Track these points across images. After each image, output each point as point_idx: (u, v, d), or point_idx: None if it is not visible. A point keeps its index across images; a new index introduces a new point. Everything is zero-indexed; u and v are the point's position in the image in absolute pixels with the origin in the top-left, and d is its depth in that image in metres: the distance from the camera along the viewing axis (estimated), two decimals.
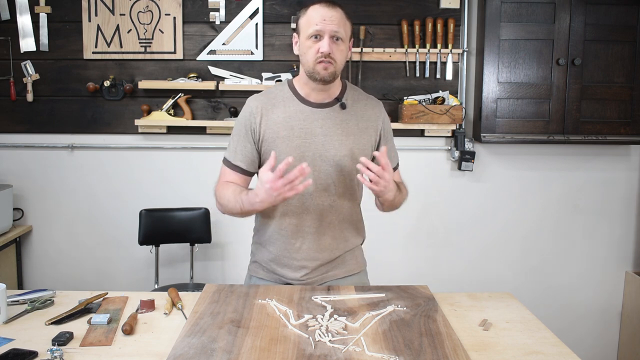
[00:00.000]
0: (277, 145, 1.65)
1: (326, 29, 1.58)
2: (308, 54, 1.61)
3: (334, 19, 1.59)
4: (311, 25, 1.59)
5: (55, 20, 2.92)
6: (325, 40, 1.58)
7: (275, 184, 1.48)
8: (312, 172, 1.64)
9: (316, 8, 1.60)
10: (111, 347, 1.35)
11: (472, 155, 2.99)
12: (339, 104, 1.69)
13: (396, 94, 2.97)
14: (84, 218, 3.05)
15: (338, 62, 1.61)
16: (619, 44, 2.84)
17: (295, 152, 1.64)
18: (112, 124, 2.98)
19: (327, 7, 1.60)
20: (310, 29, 1.59)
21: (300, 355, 1.26)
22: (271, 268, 1.76)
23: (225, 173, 1.73)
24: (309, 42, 1.60)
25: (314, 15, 1.59)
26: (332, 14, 1.59)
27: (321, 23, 1.58)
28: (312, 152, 1.65)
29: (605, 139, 2.88)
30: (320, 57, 1.59)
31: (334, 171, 1.67)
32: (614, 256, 3.16)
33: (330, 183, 1.68)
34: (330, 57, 1.59)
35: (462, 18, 2.95)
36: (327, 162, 1.66)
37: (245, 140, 1.69)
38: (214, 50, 2.94)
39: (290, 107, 1.68)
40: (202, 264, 3.09)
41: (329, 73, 1.60)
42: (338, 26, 1.59)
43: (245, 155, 1.69)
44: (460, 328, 1.46)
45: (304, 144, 1.65)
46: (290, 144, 1.65)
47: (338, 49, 1.60)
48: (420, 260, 3.12)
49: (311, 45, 1.60)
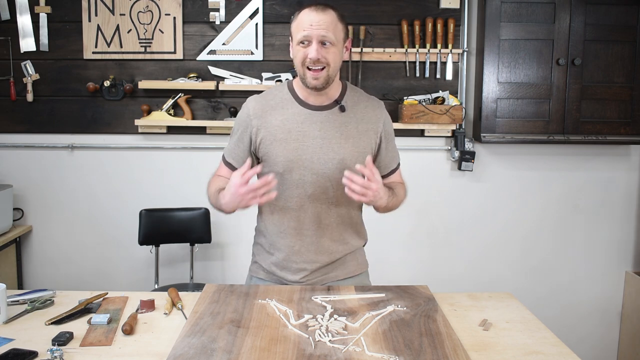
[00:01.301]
0: (274, 148, 1.65)
1: (313, 34, 1.55)
2: (296, 59, 1.59)
3: (321, 23, 1.55)
4: (299, 30, 1.57)
5: (55, 20, 2.92)
6: (313, 46, 1.55)
7: (239, 189, 1.48)
8: (310, 174, 1.65)
9: (306, 12, 1.58)
10: (111, 347, 1.35)
11: (472, 155, 2.99)
12: (338, 106, 1.68)
13: (396, 94, 2.97)
14: (84, 218, 3.05)
15: (332, 66, 1.58)
16: (619, 44, 2.84)
17: (292, 155, 1.64)
18: (112, 124, 2.98)
19: (316, 11, 1.56)
20: (299, 35, 1.57)
21: (300, 355, 1.26)
22: (271, 270, 1.76)
23: (220, 167, 1.76)
24: (298, 47, 1.58)
25: (302, 20, 1.57)
26: (321, 18, 1.55)
27: (308, 28, 1.55)
28: (310, 155, 1.64)
29: (605, 139, 2.88)
30: (308, 63, 1.57)
31: (332, 174, 1.65)
32: (614, 256, 3.16)
33: (329, 186, 1.67)
34: (319, 62, 1.56)
35: (462, 18, 2.95)
36: (325, 165, 1.65)
37: (239, 140, 1.70)
38: (214, 50, 2.94)
39: (288, 110, 1.67)
40: (202, 264, 3.09)
41: (320, 82, 1.58)
42: (327, 30, 1.55)
43: (238, 155, 1.70)
44: (460, 328, 1.46)
45: (301, 147, 1.64)
46: (287, 146, 1.64)
47: (328, 52, 1.57)
48: (420, 260, 3.12)
49: (299, 50, 1.58)
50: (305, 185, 1.66)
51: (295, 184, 1.66)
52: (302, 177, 1.66)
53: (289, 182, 1.66)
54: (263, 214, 1.77)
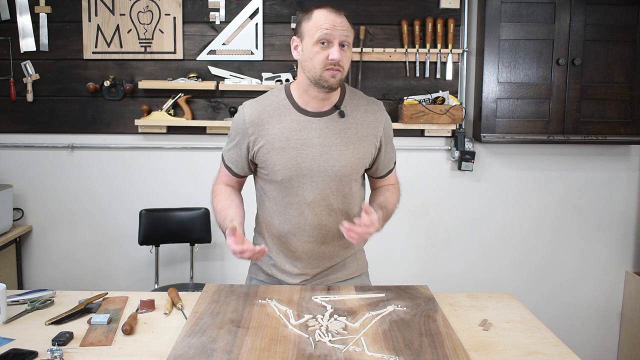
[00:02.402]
0: (272, 157, 1.62)
1: (336, 35, 1.53)
2: (315, 60, 1.54)
3: (343, 25, 1.55)
4: (319, 29, 1.53)
5: (55, 20, 2.92)
6: (336, 47, 1.53)
7: (233, 247, 1.49)
8: (310, 182, 1.63)
9: (323, 13, 1.55)
10: (111, 347, 1.35)
11: (472, 155, 2.99)
12: (337, 112, 1.64)
13: (396, 94, 2.97)
14: (84, 218, 3.05)
15: (345, 69, 1.57)
16: (619, 44, 2.84)
17: (291, 163, 1.61)
18: (112, 124, 2.98)
19: (335, 12, 1.55)
20: (318, 34, 1.53)
21: (300, 355, 1.26)
22: (271, 272, 1.75)
23: (221, 170, 1.75)
24: (317, 47, 1.54)
25: (321, 20, 1.54)
26: (342, 20, 1.55)
27: (332, 28, 1.53)
28: (309, 163, 1.62)
29: (605, 139, 2.88)
30: (329, 65, 1.54)
31: (332, 181, 1.63)
32: (614, 256, 3.16)
33: (329, 193, 1.65)
34: (339, 65, 1.54)
35: (462, 18, 2.95)
36: (324, 172, 1.62)
37: (237, 146, 1.67)
38: (214, 50, 2.94)
39: (286, 117, 1.63)
40: (202, 264, 3.09)
41: (336, 81, 1.56)
42: (347, 33, 1.56)
43: (236, 160, 1.69)
44: (460, 328, 1.46)
45: (300, 154, 1.61)
46: (286, 155, 1.61)
47: (345, 55, 1.56)
48: (420, 260, 3.12)
49: (319, 51, 1.54)
50: (305, 192, 1.64)
51: (295, 192, 1.64)
52: (302, 185, 1.63)
53: (288, 189, 1.64)
54: (263, 219, 1.75)
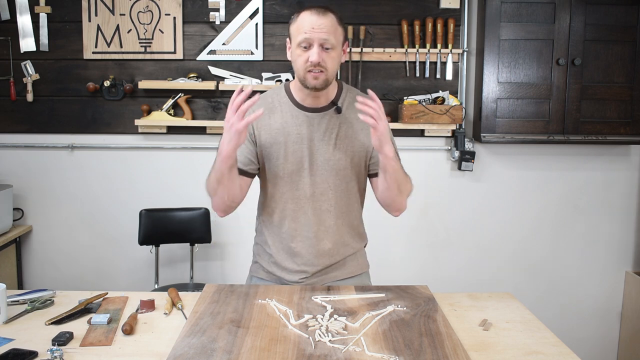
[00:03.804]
0: (273, 151, 1.66)
1: (315, 38, 1.54)
2: (297, 62, 1.58)
3: (323, 26, 1.54)
4: (300, 33, 1.55)
5: (55, 20, 2.92)
6: (315, 50, 1.54)
7: (228, 115, 1.49)
8: (309, 176, 1.65)
9: (306, 15, 1.56)
10: (111, 347, 1.35)
11: (472, 155, 2.99)
12: (334, 108, 1.68)
13: (396, 94, 2.97)
14: (84, 218, 3.05)
15: (329, 70, 1.58)
16: (619, 44, 2.84)
17: (291, 158, 1.65)
18: (112, 124, 2.98)
19: (317, 14, 1.55)
20: (299, 37, 1.55)
21: (300, 355, 1.26)
22: (271, 270, 1.76)
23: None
24: (299, 50, 1.57)
25: (303, 23, 1.55)
26: (322, 21, 1.54)
27: (310, 31, 1.54)
28: (309, 158, 1.65)
29: (605, 139, 2.88)
30: (309, 67, 1.56)
31: (330, 176, 1.66)
32: (614, 256, 3.16)
33: (327, 187, 1.67)
34: (320, 66, 1.55)
35: (462, 18, 2.95)
36: (323, 166, 1.66)
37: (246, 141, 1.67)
38: (214, 50, 2.94)
39: (286, 113, 1.67)
40: (202, 264, 3.09)
41: (320, 82, 1.58)
42: (328, 34, 1.54)
43: (244, 156, 1.68)
44: (460, 328, 1.46)
45: (300, 149, 1.65)
46: (287, 149, 1.65)
47: (329, 56, 1.56)
48: (420, 260, 3.12)
49: (300, 54, 1.57)
50: (304, 187, 1.67)
51: (295, 186, 1.67)
52: (301, 180, 1.66)
53: (288, 184, 1.67)
54: (263, 215, 1.76)
